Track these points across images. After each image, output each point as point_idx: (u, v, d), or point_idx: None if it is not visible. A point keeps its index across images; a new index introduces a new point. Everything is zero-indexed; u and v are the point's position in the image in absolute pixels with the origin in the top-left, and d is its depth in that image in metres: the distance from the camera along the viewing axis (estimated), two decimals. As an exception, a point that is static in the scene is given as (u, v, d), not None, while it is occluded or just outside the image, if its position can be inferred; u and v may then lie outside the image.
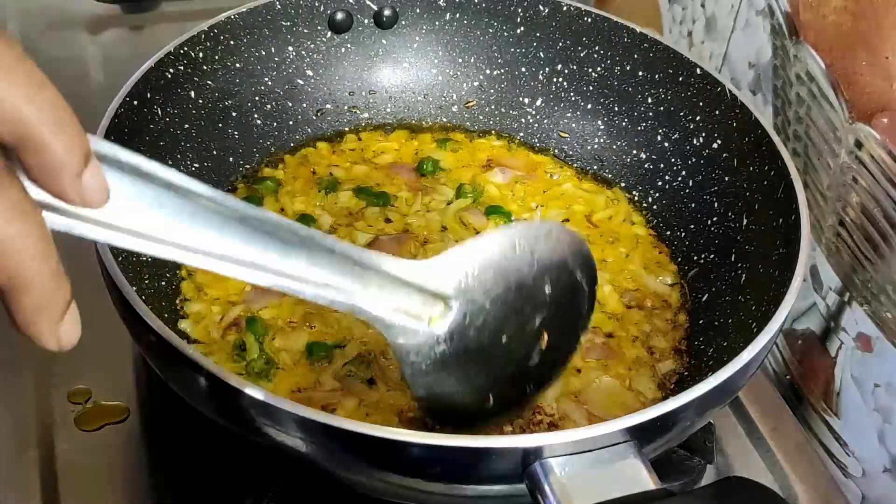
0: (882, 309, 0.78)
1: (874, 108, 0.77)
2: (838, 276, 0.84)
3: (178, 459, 0.76)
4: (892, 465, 0.79)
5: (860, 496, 0.83)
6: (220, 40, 0.89)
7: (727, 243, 0.84)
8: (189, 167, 0.87)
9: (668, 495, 0.54)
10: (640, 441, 0.57)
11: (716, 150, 0.87)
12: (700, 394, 0.59)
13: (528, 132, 1.02)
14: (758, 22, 0.92)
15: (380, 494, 0.62)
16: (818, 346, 0.87)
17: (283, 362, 0.76)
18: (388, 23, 0.99)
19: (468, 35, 1.00)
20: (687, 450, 0.75)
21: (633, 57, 0.94)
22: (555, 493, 0.54)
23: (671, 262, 0.89)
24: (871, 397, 0.80)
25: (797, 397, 0.91)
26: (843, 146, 0.80)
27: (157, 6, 1.32)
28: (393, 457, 0.56)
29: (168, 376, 0.65)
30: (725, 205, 0.86)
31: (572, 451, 0.56)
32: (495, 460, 0.56)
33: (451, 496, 0.60)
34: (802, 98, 0.85)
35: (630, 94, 0.96)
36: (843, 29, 0.80)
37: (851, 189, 0.80)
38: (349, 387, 0.74)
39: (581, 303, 0.64)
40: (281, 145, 0.96)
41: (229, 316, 0.78)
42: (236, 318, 0.78)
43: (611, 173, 0.97)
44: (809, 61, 0.84)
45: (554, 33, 0.98)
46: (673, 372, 0.79)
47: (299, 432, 0.56)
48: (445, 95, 1.02)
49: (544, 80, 1.00)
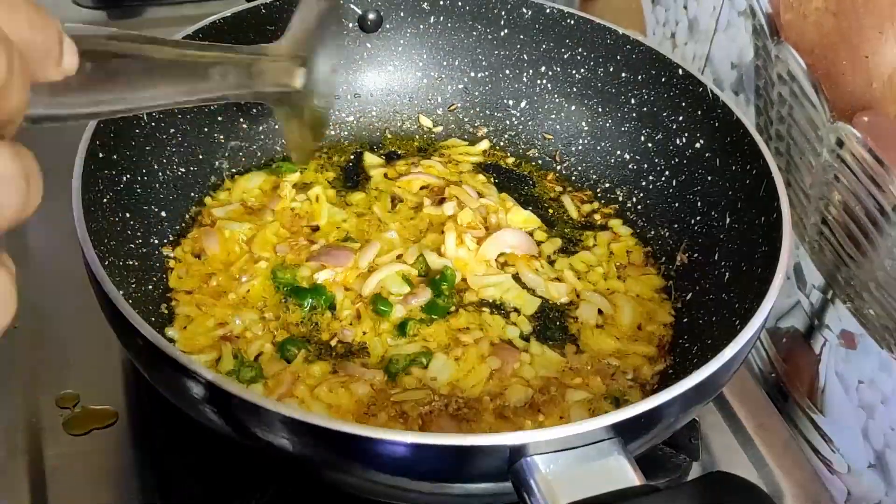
0: (865, 306, 0.79)
1: (855, 107, 0.77)
2: (821, 273, 0.84)
3: (166, 463, 0.76)
4: (877, 460, 0.79)
5: (845, 492, 0.84)
6: (206, 45, 0.89)
7: (710, 242, 0.85)
8: (175, 171, 0.87)
9: (652, 491, 0.55)
10: (625, 438, 0.58)
11: (698, 149, 0.88)
12: (683, 390, 0.59)
13: (512, 134, 1.02)
14: (740, 23, 0.93)
15: (367, 494, 0.63)
16: (802, 343, 0.88)
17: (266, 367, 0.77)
18: (373, 26, 1.00)
19: (452, 38, 1.01)
20: (672, 447, 0.76)
21: (617, 58, 0.95)
22: (540, 490, 0.55)
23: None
24: (855, 394, 0.81)
25: (782, 395, 0.91)
26: (824, 145, 0.80)
27: (142, 12, 1.32)
28: (379, 455, 0.56)
29: (156, 380, 0.65)
30: (708, 204, 0.86)
31: (557, 449, 0.56)
32: (481, 458, 0.56)
33: (438, 494, 0.60)
34: (784, 98, 0.86)
35: (614, 96, 0.96)
36: (823, 29, 0.80)
37: (833, 187, 0.80)
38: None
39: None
40: (267, 149, 0.97)
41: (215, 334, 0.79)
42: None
43: (595, 174, 0.98)
44: (791, 61, 0.84)
45: (537, 36, 0.98)
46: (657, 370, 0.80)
47: (286, 433, 0.57)
48: (430, 98, 1.03)
49: (528, 82, 1.01)
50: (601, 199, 0.97)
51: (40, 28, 0.34)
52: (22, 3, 0.33)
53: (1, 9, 0.32)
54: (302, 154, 0.74)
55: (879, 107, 0.75)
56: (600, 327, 0.84)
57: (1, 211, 0.32)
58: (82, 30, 0.43)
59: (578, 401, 0.76)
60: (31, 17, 0.33)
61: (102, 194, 0.76)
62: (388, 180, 0.97)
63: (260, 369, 0.76)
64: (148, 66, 0.49)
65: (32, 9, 0.33)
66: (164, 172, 0.86)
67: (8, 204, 0.32)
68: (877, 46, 0.75)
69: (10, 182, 0.32)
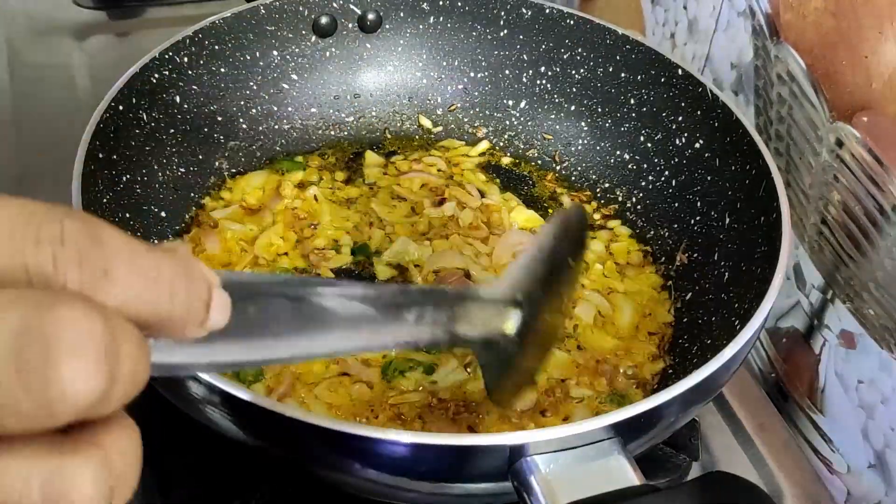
0: (864, 306, 0.79)
1: (854, 107, 0.77)
2: (821, 273, 0.84)
3: (166, 463, 0.76)
4: (877, 460, 0.79)
5: (845, 492, 0.84)
6: (205, 45, 0.89)
7: (710, 242, 0.85)
8: (175, 171, 0.87)
9: (652, 491, 0.55)
10: (625, 438, 0.58)
11: (698, 150, 0.88)
12: (683, 390, 0.59)
13: (512, 134, 1.02)
14: (739, 23, 0.93)
15: (367, 494, 0.62)
16: (802, 343, 0.88)
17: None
18: (373, 27, 1.00)
19: (452, 38, 1.01)
20: (672, 447, 0.76)
21: (616, 59, 0.95)
22: (540, 489, 0.55)
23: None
24: (855, 394, 0.81)
25: (782, 395, 0.91)
26: (824, 145, 0.80)
27: (142, 12, 1.32)
28: (379, 455, 0.56)
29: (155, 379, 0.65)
30: (708, 204, 0.86)
31: (557, 448, 0.56)
32: (481, 458, 0.56)
33: (438, 494, 0.60)
34: (784, 98, 0.86)
35: (613, 96, 0.96)
36: (823, 29, 0.80)
37: (833, 187, 0.80)
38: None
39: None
40: (267, 149, 0.97)
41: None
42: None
43: (595, 174, 0.98)
44: (790, 61, 0.84)
45: (537, 36, 0.98)
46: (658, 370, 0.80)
47: (287, 433, 0.57)
48: (430, 98, 1.03)
49: (528, 82, 1.01)
50: (601, 199, 0.97)
51: (184, 293, 0.30)
52: (168, 270, 0.30)
53: (138, 280, 0.28)
54: (500, 401, 0.64)
55: (879, 107, 0.75)
56: (599, 327, 0.84)
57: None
58: (247, 280, 0.38)
59: (581, 401, 0.77)
60: (174, 286, 0.30)
61: (102, 194, 0.76)
62: (388, 177, 0.97)
63: (260, 369, 0.76)
64: (323, 311, 0.41)
65: (179, 274, 0.30)
66: (164, 172, 0.86)
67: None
68: (876, 46, 0.75)
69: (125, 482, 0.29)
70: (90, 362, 0.26)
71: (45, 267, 0.27)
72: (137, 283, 0.28)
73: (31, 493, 0.26)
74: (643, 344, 0.82)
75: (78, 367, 0.26)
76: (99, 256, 0.28)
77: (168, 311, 0.30)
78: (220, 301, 0.32)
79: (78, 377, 0.26)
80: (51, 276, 0.27)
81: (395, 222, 0.91)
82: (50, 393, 0.25)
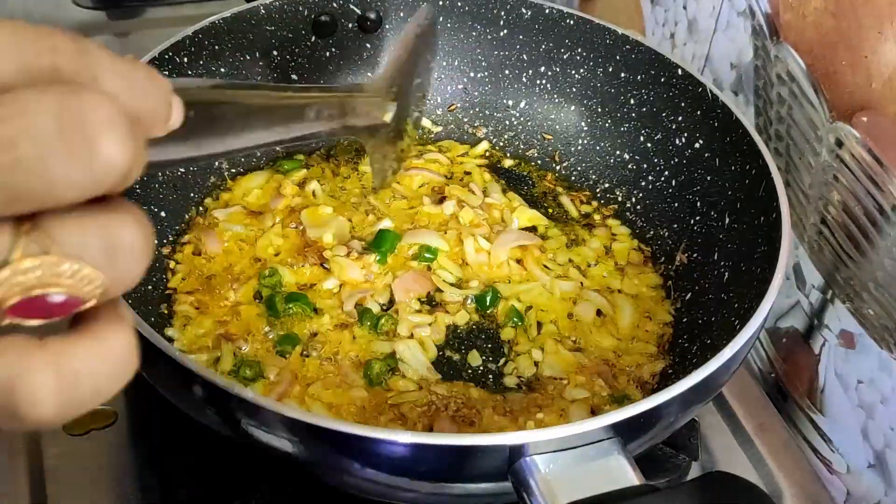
0: (864, 306, 0.79)
1: (854, 107, 0.77)
2: (821, 273, 0.84)
3: (165, 463, 0.76)
4: (876, 460, 0.79)
5: (845, 492, 0.84)
6: (205, 45, 0.89)
7: (710, 242, 0.85)
8: (175, 171, 0.87)
9: (651, 491, 0.55)
10: (625, 438, 0.58)
11: (698, 150, 0.88)
12: (683, 390, 0.59)
13: (511, 134, 1.02)
14: (739, 23, 0.93)
15: (366, 494, 0.63)
16: (802, 343, 0.88)
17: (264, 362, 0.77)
18: (372, 27, 1.00)
19: (452, 38, 1.01)
20: (672, 447, 0.76)
21: (616, 59, 0.95)
22: (540, 489, 0.55)
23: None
24: (855, 394, 0.81)
25: (782, 395, 0.91)
26: (823, 145, 0.80)
27: (142, 12, 1.32)
28: (379, 455, 0.56)
29: (154, 379, 0.65)
30: (708, 204, 0.86)
31: (557, 448, 0.56)
32: (480, 458, 0.56)
33: (438, 494, 0.60)
34: (783, 98, 0.86)
35: (613, 96, 0.96)
36: (822, 29, 0.80)
37: (833, 187, 0.80)
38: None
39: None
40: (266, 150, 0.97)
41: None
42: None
43: (594, 174, 0.98)
44: (790, 61, 0.84)
45: (537, 36, 0.98)
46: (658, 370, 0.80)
47: (286, 433, 0.57)
48: (430, 99, 1.03)
49: (528, 82, 1.01)
50: (600, 199, 0.97)
51: (153, 93, 0.35)
52: (140, 73, 0.34)
53: (121, 81, 0.33)
54: (383, 181, 0.75)
55: (879, 107, 0.75)
56: (599, 326, 0.84)
57: (123, 279, 0.33)
58: (187, 83, 0.45)
59: (578, 400, 0.77)
60: (146, 86, 0.34)
61: (102, 194, 0.76)
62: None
63: (260, 368, 0.76)
64: (247, 110, 0.50)
65: (147, 77, 0.34)
66: (164, 172, 0.86)
67: (133, 275, 0.33)
68: (876, 46, 0.75)
69: (137, 254, 0.33)
70: (123, 135, 0.30)
71: (48, 73, 0.31)
72: (120, 84, 0.33)
73: (91, 250, 0.32)
74: (643, 344, 0.83)
75: (115, 139, 0.30)
76: (88, 64, 0.32)
77: (143, 109, 0.34)
78: (177, 102, 0.37)
79: (115, 149, 0.30)
80: (56, 80, 0.31)
81: (394, 215, 0.91)
82: (96, 163, 0.30)
